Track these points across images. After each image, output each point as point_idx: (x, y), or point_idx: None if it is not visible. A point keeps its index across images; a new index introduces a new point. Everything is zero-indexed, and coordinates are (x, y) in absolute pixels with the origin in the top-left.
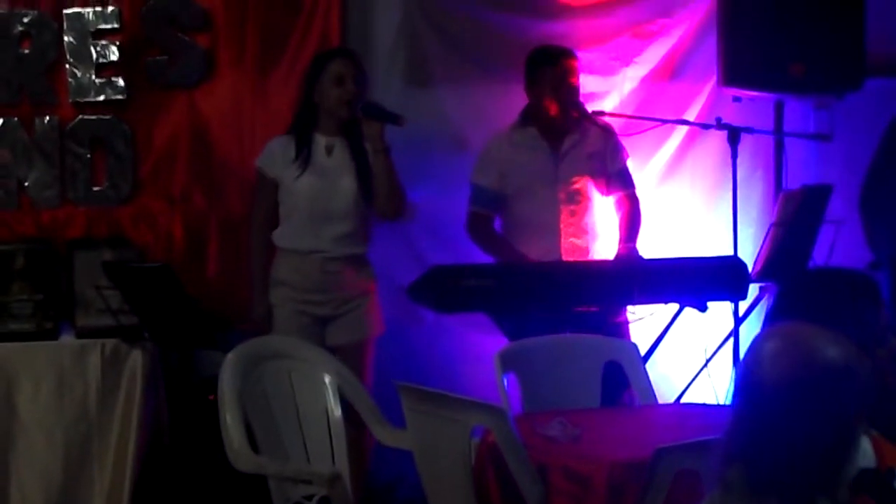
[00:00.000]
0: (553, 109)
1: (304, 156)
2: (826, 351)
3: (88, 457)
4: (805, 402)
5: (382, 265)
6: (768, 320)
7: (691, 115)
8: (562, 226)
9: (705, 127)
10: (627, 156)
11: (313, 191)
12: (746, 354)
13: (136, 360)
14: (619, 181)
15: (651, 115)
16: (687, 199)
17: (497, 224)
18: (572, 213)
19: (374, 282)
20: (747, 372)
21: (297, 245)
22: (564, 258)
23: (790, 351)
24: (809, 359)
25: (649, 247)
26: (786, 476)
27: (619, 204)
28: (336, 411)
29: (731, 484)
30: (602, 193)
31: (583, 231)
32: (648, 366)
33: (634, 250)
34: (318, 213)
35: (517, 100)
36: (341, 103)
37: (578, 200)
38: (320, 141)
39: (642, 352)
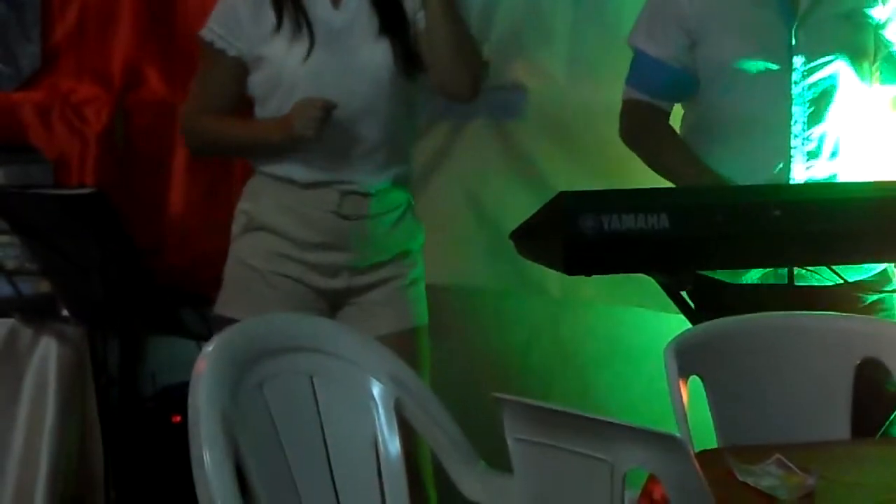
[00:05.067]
0: None
1: (293, 13)
2: None
3: None
4: None
5: (474, 192)
6: None
7: None
8: (794, 138)
9: None
10: None
11: (318, 78)
12: None
13: (46, 353)
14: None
15: None
16: None
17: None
18: (814, 118)
19: (420, 231)
20: None
21: (291, 172)
22: None
23: None
24: None
25: None
26: None
27: (894, 104)
28: (392, 443)
29: None
30: (864, 83)
31: (831, 149)
32: None
33: None
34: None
35: None
36: None
37: (825, 95)
38: None
39: None
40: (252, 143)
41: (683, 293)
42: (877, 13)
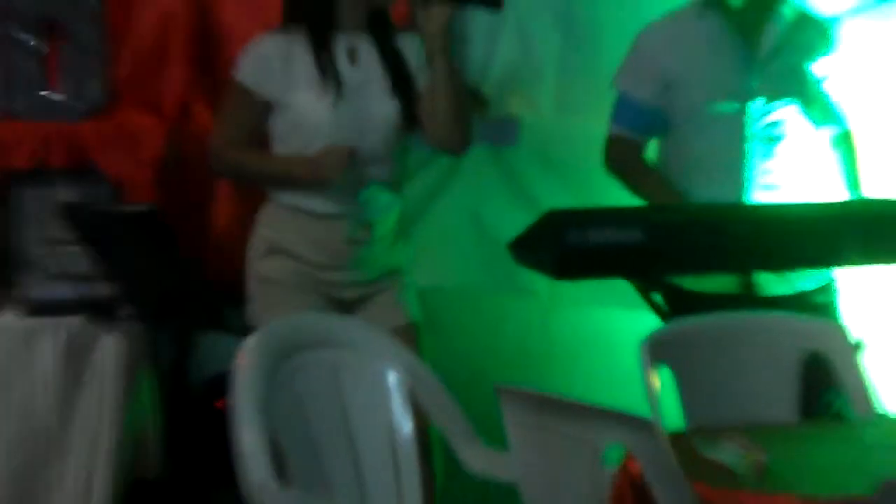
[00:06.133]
0: None
1: (327, 68)
2: None
3: (38, 492)
4: None
5: (475, 209)
6: None
7: None
8: (752, 171)
9: None
10: (847, 67)
11: (339, 125)
12: None
13: (109, 348)
14: (835, 111)
15: None
16: None
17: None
18: (768, 152)
19: (409, 248)
20: None
21: (310, 205)
22: None
23: None
24: None
25: (871, 187)
26: None
27: (834, 144)
28: (405, 425)
29: None
30: (809, 125)
31: (782, 179)
32: (865, 360)
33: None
34: None
35: None
36: None
37: (778, 133)
38: (339, 43)
39: (857, 338)
40: (278, 177)
41: (656, 296)
42: (819, 66)
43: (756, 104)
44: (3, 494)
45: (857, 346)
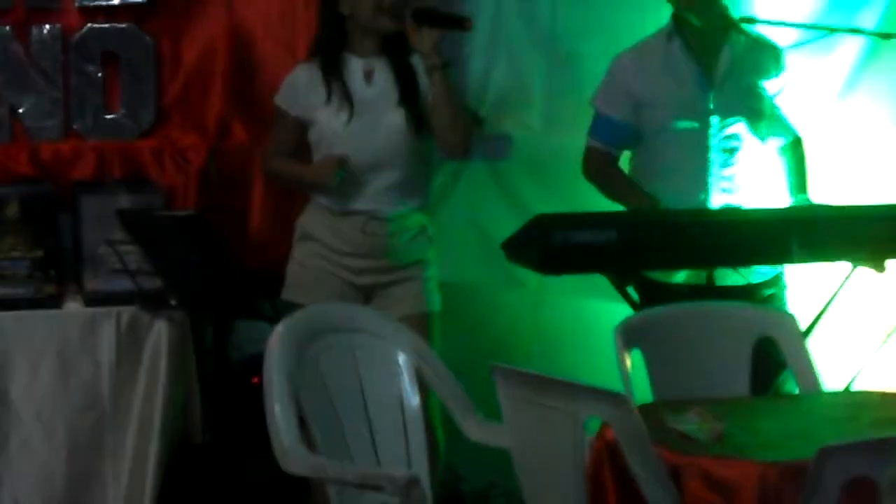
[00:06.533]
0: (702, 16)
1: (339, 90)
2: None
3: (99, 456)
4: None
5: (473, 214)
6: None
7: (867, 23)
8: (712, 177)
9: (886, 38)
10: (794, 89)
11: (353, 135)
12: None
13: (159, 333)
14: (786, 122)
15: (815, 23)
16: (863, 130)
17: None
18: (726, 161)
19: (431, 247)
20: None
21: (333, 203)
22: None
23: None
24: None
25: (817, 192)
26: None
27: (782, 151)
28: (413, 399)
29: None
30: (761, 137)
31: (739, 184)
32: (811, 343)
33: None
34: (360, 163)
35: (646, 7)
36: (379, 11)
37: (734, 145)
38: (356, 65)
39: (803, 325)
40: (296, 182)
41: (629, 288)
42: (770, 86)
43: (715, 120)
44: (63, 467)
45: (805, 332)
